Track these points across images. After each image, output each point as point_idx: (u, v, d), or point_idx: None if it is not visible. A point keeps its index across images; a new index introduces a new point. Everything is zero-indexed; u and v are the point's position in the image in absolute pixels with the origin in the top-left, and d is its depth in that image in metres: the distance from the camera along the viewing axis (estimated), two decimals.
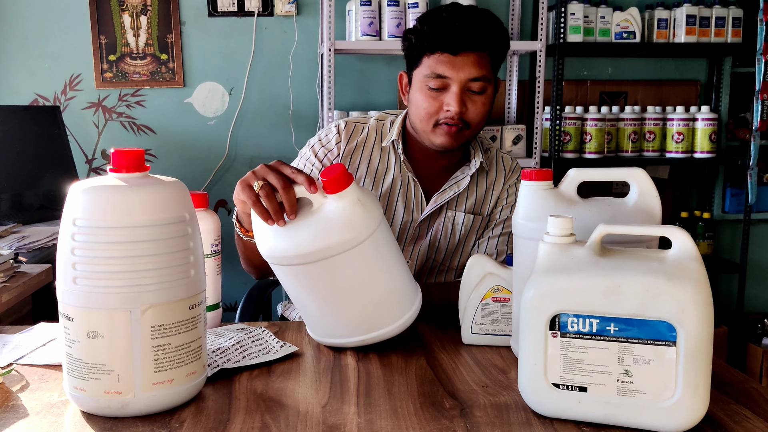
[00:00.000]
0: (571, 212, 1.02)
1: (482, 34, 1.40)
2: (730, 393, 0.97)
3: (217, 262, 1.24)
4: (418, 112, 1.45)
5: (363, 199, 1.04)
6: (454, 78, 1.40)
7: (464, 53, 1.39)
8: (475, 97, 1.43)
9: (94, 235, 0.86)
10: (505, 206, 1.59)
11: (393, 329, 1.11)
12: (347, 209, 1.02)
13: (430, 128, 1.45)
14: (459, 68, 1.39)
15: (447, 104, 1.41)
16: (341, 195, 1.03)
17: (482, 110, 1.44)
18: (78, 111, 3.05)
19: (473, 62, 1.39)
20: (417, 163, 1.55)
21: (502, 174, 1.60)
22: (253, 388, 0.99)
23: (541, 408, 0.90)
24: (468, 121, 1.43)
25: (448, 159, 1.55)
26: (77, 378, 0.89)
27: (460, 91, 1.40)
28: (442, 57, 1.40)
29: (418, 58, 1.44)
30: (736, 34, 3.09)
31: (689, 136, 3.10)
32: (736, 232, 3.42)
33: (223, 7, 3.04)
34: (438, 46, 1.39)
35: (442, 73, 1.40)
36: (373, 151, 1.54)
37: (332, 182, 1.02)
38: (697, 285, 0.83)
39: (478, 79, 1.41)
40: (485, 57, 1.42)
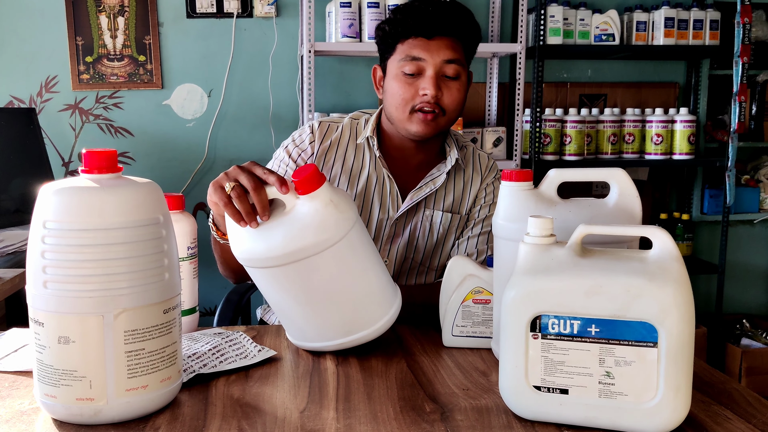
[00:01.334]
0: (551, 213, 1.02)
1: (455, 21, 1.42)
2: (711, 394, 0.97)
3: (193, 266, 1.21)
4: (394, 99, 1.44)
5: (336, 199, 1.02)
6: (428, 60, 1.40)
7: (438, 38, 1.40)
8: (450, 83, 1.42)
9: (65, 237, 0.84)
10: (484, 205, 1.58)
11: (371, 332, 1.10)
12: (319, 210, 1.01)
13: (406, 115, 1.43)
14: (434, 51, 1.40)
15: (423, 88, 1.40)
16: (313, 196, 1.01)
17: (457, 97, 1.44)
18: (54, 113, 3.00)
19: (447, 45, 1.41)
20: (392, 161, 1.53)
21: (479, 173, 1.59)
22: (230, 394, 0.97)
23: (522, 411, 0.89)
24: (444, 107, 1.42)
25: (423, 155, 1.53)
26: (48, 385, 0.86)
27: (435, 74, 1.40)
28: (416, 41, 1.41)
29: (392, 45, 1.44)
30: (714, 37, 3.12)
31: (668, 137, 3.12)
32: (715, 234, 3.44)
33: (202, 8, 3.01)
34: (412, 31, 1.41)
35: (417, 55, 1.40)
36: (347, 150, 1.52)
37: (304, 183, 1.01)
38: (678, 285, 0.82)
39: (453, 61, 1.41)
40: (458, 43, 1.43)
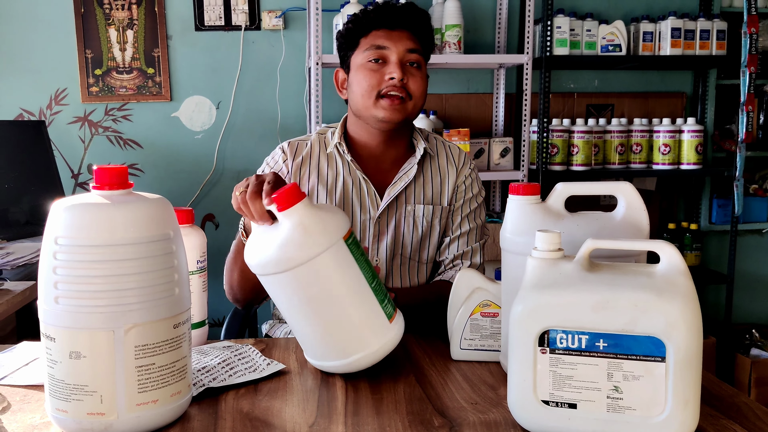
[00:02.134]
0: (558, 227, 1.02)
1: (415, 17, 1.49)
2: (720, 407, 0.97)
3: (203, 279, 1.22)
4: (360, 87, 1.47)
5: (308, 222, 1.01)
6: (392, 48, 1.46)
7: (400, 30, 1.47)
8: (413, 70, 1.48)
9: (76, 253, 0.85)
10: (465, 200, 1.61)
11: (342, 364, 1.07)
12: (288, 230, 1.01)
13: (372, 102, 1.46)
14: (396, 40, 1.46)
15: (389, 73, 1.45)
16: (287, 214, 1.02)
17: (421, 84, 1.48)
18: (63, 125, 3.02)
19: (409, 37, 1.47)
20: (364, 162, 1.56)
21: (452, 163, 1.62)
22: (239, 408, 0.98)
23: (531, 425, 0.89)
24: (410, 92, 1.47)
25: (394, 151, 1.57)
26: (59, 399, 0.87)
27: (399, 60, 1.45)
28: (380, 32, 1.47)
29: (356, 41, 1.50)
30: (721, 47, 3.11)
31: (676, 147, 3.11)
32: (723, 243, 3.43)
33: (210, 21, 3.04)
34: (376, 24, 1.48)
35: (381, 44, 1.46)
36: (320, 161, 1.56)
37: (279, 199, 1.02)
38: (686, 300, 0.82)
39: (415, 51, 1.47)
40: (417, 39, 1.49)
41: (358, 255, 1.06)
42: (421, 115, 2.99)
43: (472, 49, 3.13)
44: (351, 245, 1.05)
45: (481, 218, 1.65)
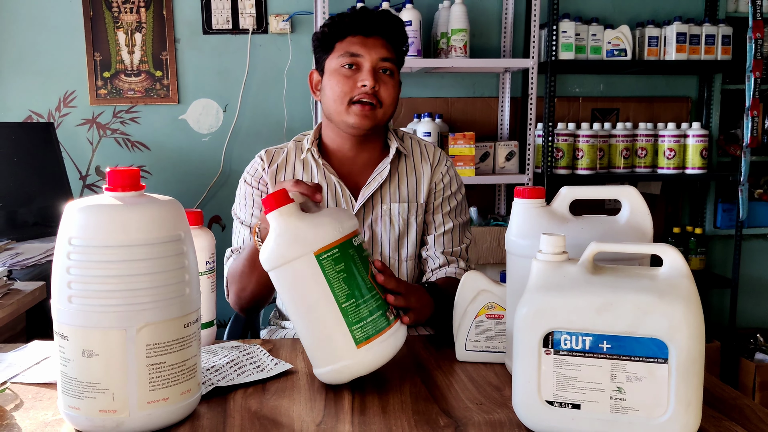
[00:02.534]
0: (563, 230, 1.03)
1: (389, 24, 1.51)
2: (722, 409, 0.98)
3: (211, 280, 1.24)
4: (333, 93, 1.49)
5: (279, 231, 1.02)
6: (366, 56, 1.48)
7: (375, 37, 1.49)
8: (385, 78, 1.50)
9: (90, 254, 0.86)
10: (445, 197, 1.63)
11: (321, 372, 1.06)
12: (269, 234, 1.05)
13: (344, 108, 1.49)
14: (371, 47, 1.48)
15: (361, 80, 1.47)
16: (269, 217, 1.04)
17: (393, 92, 1.51)
18: (72, 127, 3.05)
19: (383, 44, 1.50)
20: (339, 165, 1.59)
21: (427, 160, 1.63)
22: (247, 406, 0.99)
23: (535, 425, 0.90)
24: (381, 99, 1.49)
25: (367, 153, 1.59)
26: (72, 397, 0.89)
27: (372, 68, 1.48)
28: (354, 39, 1.49)
29: (331, 45, 1.52)
30: (726, 52, 3.12)
31: (680, 152, 3.12)
32: (728, 248, 3.43)
33: (218, 25, 3.06)
34: (351, 30, 1.49)
35: (355, 51, 1.48)
36: (295, 167, 1.59)
37: (265, 201, 1.04)
38: (688, 302, 0.84)
39: (388, 59, 1.49)
40: (391, 47, 1.51)
41: (334, 272, 1.01)
42: (427, 119, 3.00)
43: (477, 53, 3.15)
44: (325, 260, 1.01)
45: (464, 216, 1.67)
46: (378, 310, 1.05)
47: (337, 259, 1.02)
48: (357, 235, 1.08)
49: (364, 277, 1.05)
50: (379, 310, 1.05)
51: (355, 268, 1.04)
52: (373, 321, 1.04)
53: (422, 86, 3.19)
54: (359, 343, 1.02)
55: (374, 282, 1.07)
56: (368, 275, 1.06)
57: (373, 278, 1.08)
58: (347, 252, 1.04)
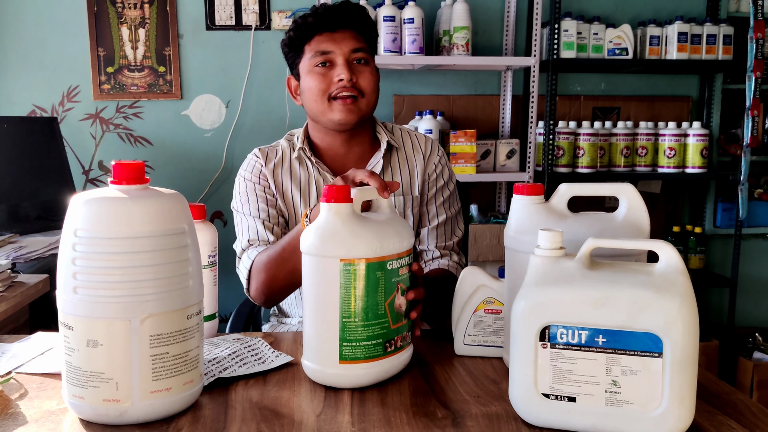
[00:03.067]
0: (561, 226, 1.04)
1: (354, 15, 1.51)
2: (716, 404, 0.99)
3: (213, 273, 1.25)
4: (311, 93, 1.49)
5: (319, 224, 1.04)
6: (337, 51, 1.47)
7: (342, 30, 1.49)
8: (361, 67, 1.49)
9: (95, 245, 0.88)
10: (437, 189, 1.62)
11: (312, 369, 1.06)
12: (315, 222, 1.06)
13: (326, 106, 1.49)
14: (339, 41, 1.48)
15: (337, 75, 1.47)
16: (323, 206, 1.06)
17: (371, 79, 1.50)
18: (75, 122, 3.06)
19: (351, 36, 1.49)
20: (331, 161, 1.59)
21: (419, 150, 1.63)
22: (248, 397, 1.01)
23: (532, 418, 0.91)
24: (361, 89, 1.48)
25: (358, 148, 1.59)
26: (76, 386, 0.90)
27: (345, 61, 1.47)
28: (322, 37, 1.49)
29: (300, 49, 1.51)
30: (727, 52, 3.14)
31: (681, 151, 3.14)
32: (728, 247, 3.45)
33: (221, 21, 3.07)
34: (316, 28, 1.49)
35: (325, 49, 1.48)
36: (292, 164, 1.59)
37: (327, 191, 1.05)
38: (683, 298, 0.85)
39: (360, 49, 1.49)
40: (360, 36, 1.51)
41: (350, 285, 1.01)
42: (428, 116, 3.01)
43: (479, 51, 3.16)
44: (347, 271, 1.01)
45: (456, 206, 1.66)
46: (377, 338, 1.03)
47: (357, 275, 1.01)
48: (401, 258, 1.05)
49: (379, 301, 1.03)
50: (378, 339, 1.03)
51: (372, 290, 1.02)
52: (367, 346, 1.03)
53: (424, 83, 3.20)
54: (342, 359, 1.03)
55: (389, 309, 1.04)
56: (387, 301, 1.04)
57: (391, 306, 1.04)
58: (373, 273, 1.02)
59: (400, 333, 1.07)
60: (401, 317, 1.07)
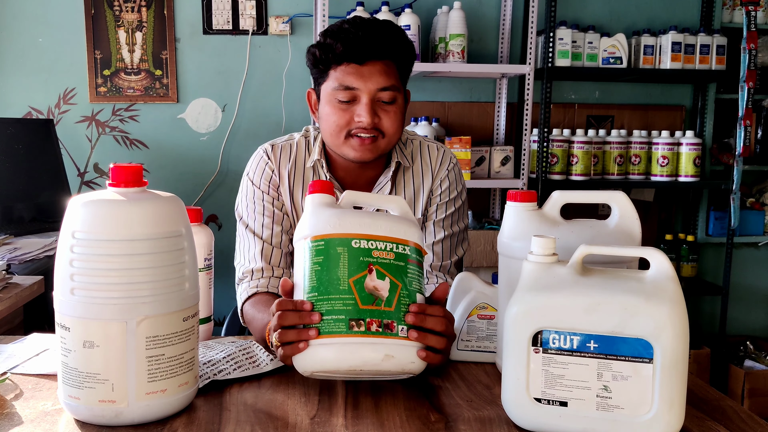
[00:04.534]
0: (554, 233, 1.06)
1: (387, 43, 1.38)
2: (705, 410, 1.01)
3: (209, 276, 1.26)
4: (329, 126, 1.40)
5: (305, 215, 1.08)
6: (362, 89, 1.36)
7: (371, 62, 1.36)
8: (386, 107, 1.39)
9: (93, 247, 0.89)
10: (440, 204, 1.54)
11: None
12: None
13: (342, 141, 1.40)
14: (367, 78, 1.36)
15: (358, 115, 1.37)
16: (306, 198, 1.11)
17: (395, 120, 1.40)
18: (71, 124, 3.07)
19: (380, 71, 1.37)
20: (343, 178, 1.51)
21: (428, 167, 1.54)
22: (243, 400, 1.01)
23: (523, 422, 0.92)
24: (383, 130, 1.39)
25: (372, 169, 1.50)
26: (72, 387, 0.91)
27: (370, 101, 1.37)
28: (348, 68, 1.37)
29: (324, 72, 1.40)
30: (720, 62, 3.16)
31: (674, 160, 3.16)
32: (720, 255, 3.47)
33: (218, 25, 3.08)
34: (343, 57, 1.36)
35: (350, 84, 1.36)
36: (305, 172, 1.50)
37: (311, 185, 1.10)
38: (674, 304, 0.86)
39: (387, 88, 1.37)
40: (392, 66, 1.39)
41: (312, 262, 1.02)
42: (424, 122, 3.03)
43: (475, 58, 3.18)
44: (312, 249, 1.02)
45: (461, 224, 1.57)
46: (339, 314, 0.99)
47: (319, 251, 1.02)
48: (377, 241, 1.03)
49: (341, 276, 1.00)
50: (340, 315, 0.99)
51: (333, 265, 1.01)
52: (327, 321, 0.99)
53: (420, 90, 3.22)
54: None
55: (356, 287, 1.00)
56: (353, 278, 1.00)
57: (359, 284, 1.00)
58: (334, 249, 1.01)
59: (377, 318, 1.00)
60: (379, 301, 1.00)
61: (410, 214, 1.11)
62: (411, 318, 1.01)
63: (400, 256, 1.04)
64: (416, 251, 1.07)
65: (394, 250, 1.04)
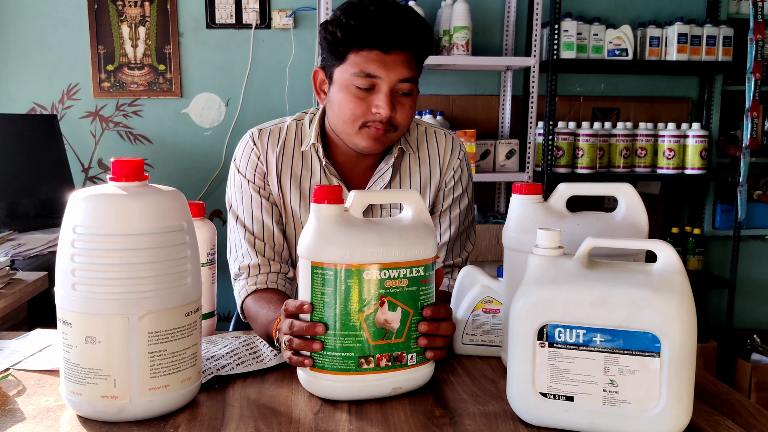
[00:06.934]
0: (560, 225, 1.05)
1: (412, 33, 1.33)
2: (713, 404, 1.00)
3: (212, 271, 1.26)
4: (342, 112, 1.34)
5: (308, 228, 1.00)
6: (384, 78, 1.31)
7: (395, 52, 1.31)
8: (403, 99, 1.35)
9: (94, 242, 0.88)
10: (454, 200, 1.50)
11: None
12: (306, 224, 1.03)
13: (355, 130, 1.35)
14: (390, 68, 1.31)
15: (376, 106, 1.32)
16: (312, 205, 1.02)
17: (409, 113, 1.37)
18: (75, 120, 3.06)
19: (403, 62, 1.32)
20: (341, 164, 1.46)
21: (436, 153, 1.49)
22: (246, 395, 1.01)
23: (529, 417, 0.92)
24: (396, 124, 1.35)
25: (372, 156, 1.45)
26: (74, 382, 0.90)
27: (389, 92, 1.32)
28: (371, 54, 1.30)
29: (343, 54, 1.33)
30: (727, 53, 3.14)
31: (680, 152, 3.14)
32: (726, 248, 3.45)
33: (221, 20, 3.07)
34: (368, 43, 1.30)
35: (372, 72, 1.30)
36: (294, 158, 1.44)
37: (317, 191, 1.00)
38: (681, 298, 0.85)
39: (408, 80, 1.33)
40: (413, 59, 1.35)
41: (318, 290, 0.97)
42: (428, 116, 3.02)
43: (479, 51, 3.16)
44: (317, 275, 0.97)
45: (471, 217, 1.55)
46: (348, 351, 0.97)
47: (327, 281, 0.97)
48: (390, 269, 0.97)
49: (351, 312, 0.96)
50: (349, 352, 0.97)
51: (343, 299, 0.96)
52: (334, 357, 0.97)
53: (424, 83, 3.20)
54: (313, 366, 0.99)
55: (366, 323, 0.97)
56: (363, 314, 0.96)
57: (369, 319, 0.97)
58: (344, 281, 0.96)
59: (386, 352, 0.98)
60: (390, 335, 0.98)
61: (425, 214, 1.05)
62: (424, 341, 1.02)
63: (413, 280, 1.00)
64: (430, 267, 1.02)
65: (407, 276, 0.99)
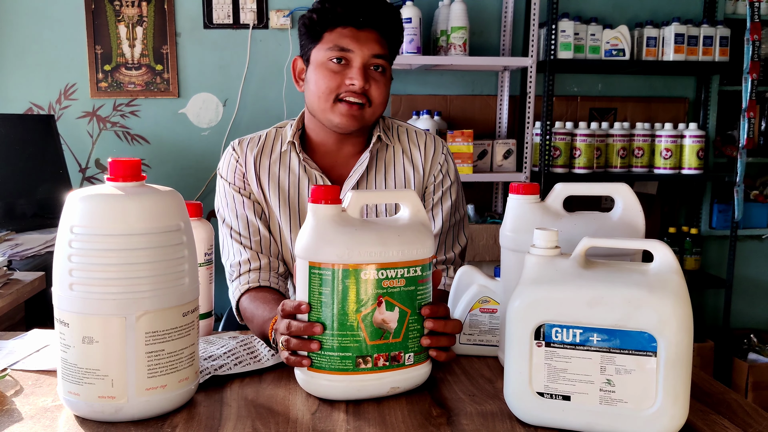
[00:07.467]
0: (556, 225, 1.05)
1: (383, 13, 1.41)
2: (710, 403, 1.00)
3: (209, 271, 1.26)
4: (318, 89, 1.39)
5: (305, 228, 1.00)
6: (357, 52, 1.37)
7: (368, 29, 1.39)
8: (376, 75, 1.40)
9: (91, 242, 0.88)
10: (443, 193, 1.52)
11: None
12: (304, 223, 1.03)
13: (330, 105, 1.39)
14: (363, 43, 1.38)
15: (350, 78, 1.37)
16: (309, 205, 1.01)
17: (383, 90, 1.41)
18: (72, 120, 3.06)
19: (376, 39, 1.39)
20: (321, 157, 1.49)
21: (417, 148, 1.52)
22: (244, 395, 1.01)
23: (526, 416, 0.92)
24: (371, 98, 1.39)
25: (352, 147, 1.49)
26: (71, 383, 0.90)
27: (362, 65, 1.38)
28: (345, 30, 1.38)
29: (319, 34, 1.40)
30: (724, 53, 3.14)
31: (677, 152, 3.14)
32: (723, 248, 3.46)
33: (219, 20, 3.07)
34: (342, 20, 1.38)
35: (345, 46, 1.37)
36: (272, 158, 1.48)
37: (314, 191, 1.00)
38: (678, 297, 0.85)
39: (381, 56, 1.39)
40: (385, 40, 1.41)
41: (316, 290, 0.97)
42: (426, 116, 3.02)
43: (477, 51, 3.16)
44: (315, 275, 0.97)
45: (461, 211, 1.56)
46: (345, 351, 0.97)
47: (325, 281, 0.97)
48: (387, 269, 0.97)
49: (348, 312, 0.96)
50: (347, 352, 0.97)
51: (340, 299, 0.96)
52: (332, 357, 0.97)
53: (421, 83, 3.21)
54: (311, 366, 0.99)
55: (363, 323, 0.97)
56: (361, 314, 0.96)
57: (367, 319, 0.97)
58: (341, 282, 0.96)
59: (384, 352, 0.98)
60: (387, 335, 0.98)
61: (422, 213, 1.05)
62: (427, 341, 1.02)
63: (410, 280, 1.00)
64: (428, 267, 1.02)
65: (404, 276, 0.99)
